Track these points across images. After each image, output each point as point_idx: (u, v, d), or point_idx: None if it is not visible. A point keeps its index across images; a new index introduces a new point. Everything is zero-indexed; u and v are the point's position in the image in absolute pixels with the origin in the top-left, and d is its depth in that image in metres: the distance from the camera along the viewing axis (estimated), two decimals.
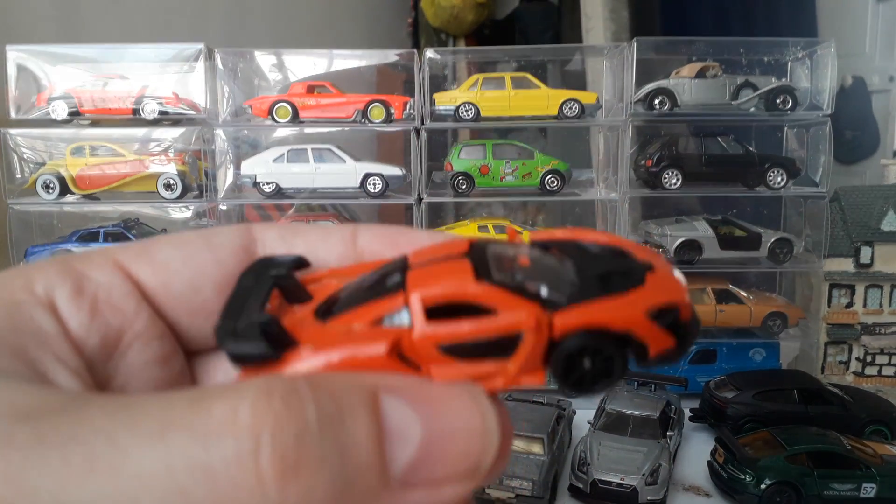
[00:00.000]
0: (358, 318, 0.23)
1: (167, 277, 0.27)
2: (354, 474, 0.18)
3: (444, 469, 0.19)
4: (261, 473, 0.17)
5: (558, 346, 0.22)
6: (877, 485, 0.95)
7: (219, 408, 0.17)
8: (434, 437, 0.19)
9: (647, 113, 1.31)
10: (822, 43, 1.33)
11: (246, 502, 0.17)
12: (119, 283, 0.26)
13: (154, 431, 0.17)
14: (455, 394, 0.20)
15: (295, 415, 0.18)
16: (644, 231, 1.39)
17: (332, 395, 0.18)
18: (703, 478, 1.05)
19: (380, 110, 1.33)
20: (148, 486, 0.17)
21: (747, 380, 1.20)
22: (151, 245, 0.28)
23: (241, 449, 0.17)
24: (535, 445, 0.99)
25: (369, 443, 0.18)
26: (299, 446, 0.17)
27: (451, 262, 0.23)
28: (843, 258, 1.33)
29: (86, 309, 0.25)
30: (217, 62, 1.32)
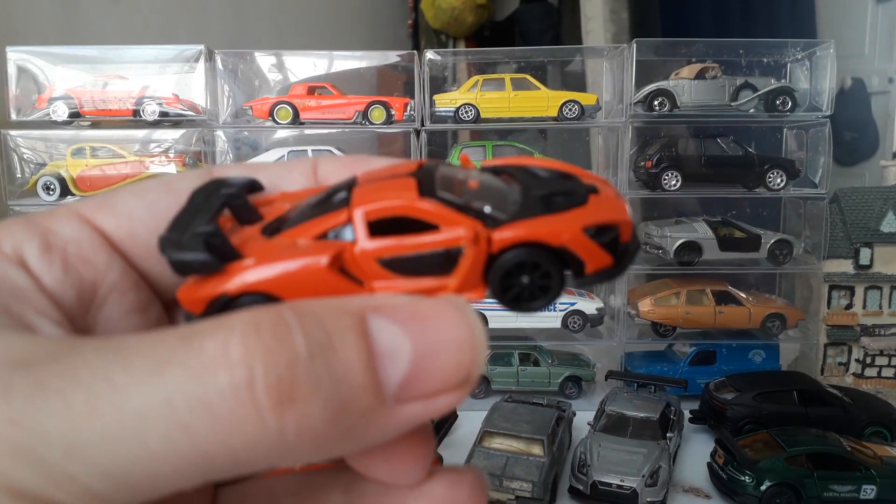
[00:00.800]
0: (303, 233, 0.23)
1: (131, 226, 0.27)
2: (349, 396, 0.18)
3: (436, 382, 0.20)
4: (258, 403, 0.17)
5: (496, 260, 0.22)
6: (876, 486, 0.95)
7: (210, 343, 0.18)
8: (424, 352, 0.20)
9: (646, 114, 1.31)
10: (821, 44, 1.33)
11: (247, 432, 0.18)
12: (87, 236, 0.26)
13: (151, 370, 0.18)
14: (441, 307, 0.21)
15: (285, 345, 0.18)
16: (644, 232, 1.39)
17: (319, 322, 0.19)
18: (703, 479, 1.05)
19: (380, 112, 1.33)
20: (151, 422, 0.17)
21: (747, 381, 1.20)
22: (113, 196, 0.27)
23: (236, 381, 0.17)
24: (534, 447, 0.99)
25: (360, 365, 0.19)
26: (292, 374, 0.18)
27: (398, 180, 0.24)
28: (843, 259, 1.33)
29: (57, 264, 0.25)
30: (217, 63, 1.32)
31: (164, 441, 0.17)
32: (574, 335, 1.35)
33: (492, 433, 1.02)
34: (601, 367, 1.35)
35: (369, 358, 0.19)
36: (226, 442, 0.18)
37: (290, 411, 0.18)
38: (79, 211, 0.27)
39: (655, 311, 1.33)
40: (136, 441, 0.17)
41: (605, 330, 1.37)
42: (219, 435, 0.17)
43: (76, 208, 0.27)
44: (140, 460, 0.17)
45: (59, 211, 0.27)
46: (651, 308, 1.33)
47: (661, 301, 1.34)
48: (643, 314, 1.33)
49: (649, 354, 1.40)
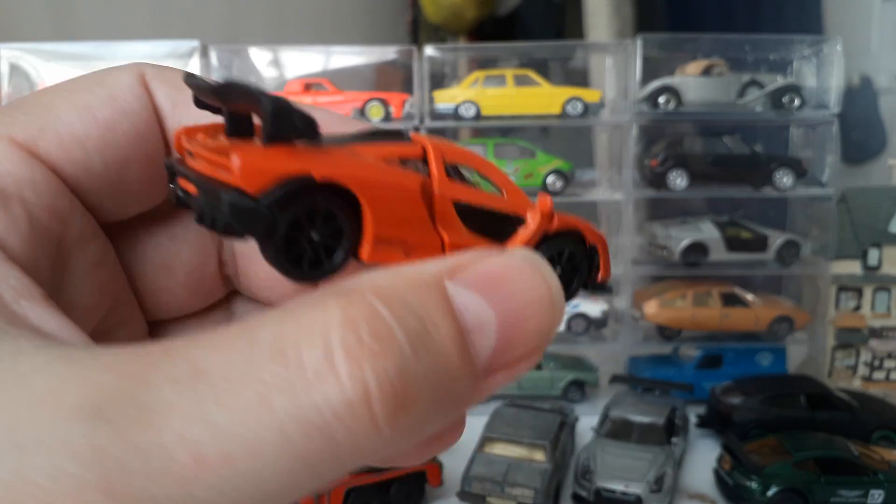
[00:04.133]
0: (366, 152, 0.21)
1: (84, 155, 0.22)
2: (449, 383, 0.18)
3: (521, 349, 0.19)
4: (374, 416, 0.16)
5: (549, 239, 0.23)
6: (885, 491, 0.94)
7: (309, 356, 0.16)
8: (509, 321, 0.19)
9: (651, 111, 1.29)
10: (828, 41, 1.31)
11: (362, 445, 0.17)
12: (42, 176, 0.21)
13: (254, 401, 0.16)
14: (516, 265, 0.20)
15: (389, 346, 0.17)
16: (649, 232, 1.37)
17: (409, 308, 0.18)
18: (708, 485, 1.04)
19: (378, 108, 1.31)
20: (266, 460, 0.16)
21: (754, 385, 1.19)
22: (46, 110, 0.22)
23: (351, 399, 0.16)
24: (537, 453, 0.98)
25: (455, 347, 0.18)
26: (403, 379, 0.17)
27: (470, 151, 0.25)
28: (851, 260, 1.31)
29: (23, 222, 0.20)
30: (212, 59, 1.29)
31: (282, 476, 0.16)
32: (578, 338, 1.33)
33: (493, 439, 1.00)
34: (605, 371, 1.33)
35: (461, 339, 0.18)
36: (340, 458, 0.17)
37: (404, 417, 0.17)
38: (11, 136, 0.21)
39: (661, 313, 1.31)
40: (253, 485, 0.16)
41: (609, 333, 1.35)
42: (334, 454, 0.16)
43: (3, 131, 0.21)
44: (257, 501, 0.16)
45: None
46: (656, 310, 1.31)
47: (666, 303, 1.31)
48: (648, 317, 1.31)
49: (654, 358, 1.38)
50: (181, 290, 0.27)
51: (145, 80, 0.25)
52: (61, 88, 0.23)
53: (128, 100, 0.23)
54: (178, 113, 0.25)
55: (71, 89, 0.23)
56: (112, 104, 0.23)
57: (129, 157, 0.23)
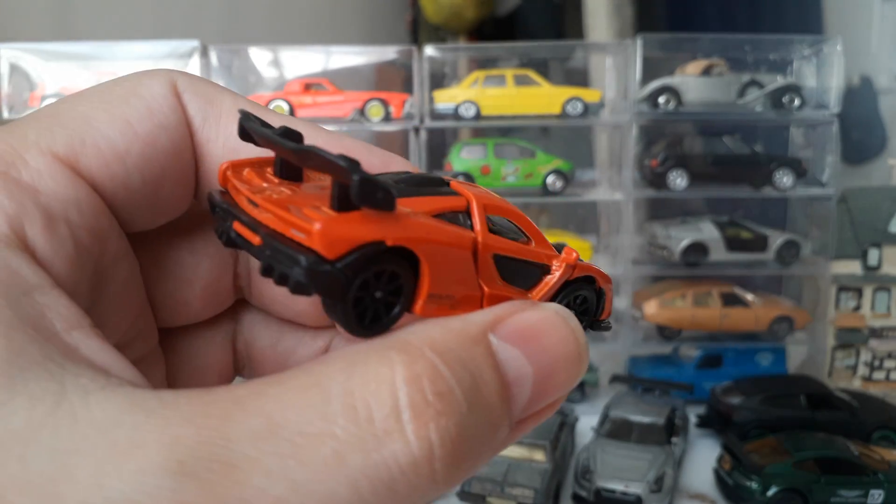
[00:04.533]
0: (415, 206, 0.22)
1: (127, 177, 0.21)
2: (493, 435, 0.19)
3: (550, 399, 0.21)
4: (434, 472, 0.18)
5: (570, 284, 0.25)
6: (884, 491, 0.93)
7: (378, 413, 0.17)
8: (543, 374, 0.21)
9: (651, 111, 1.29)
10: (828, 41, 1.31)
11: (420, 496, 0.18)
12: (86, 196, 0.21)
13: (331, 459, 0.17)
14: (550, 319, 0.21)
15: (449, 406, 0.18)
16: (649, 232, 1.37)
17: (462, 363, 0.19)
18: (709, 485, 1.04)
19: (378, 108, 1.31)
20: None
21: (754, 385, 1.19)
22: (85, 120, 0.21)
23: (417, 458, 0.17)
24: (537, 453, 0.97)
25: (499, 401, 0.20)
26: (460, 438, 0.18)
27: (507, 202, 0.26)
28: (851, 260, 1.31)
29: (68, 244, 0.19)
30: (212, 59, 1.29)
31: None
32: None
33: None
34: (605, 371, 1.33)
35: (505, 392, 0.20)
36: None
37: (458, 469, 0.18)
38: (54, 150, 0.20)
39: (661, 313, 1.31)
40: None
41: (609, 333, 1.35)
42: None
43: (46, 144, 0.20)
44: None
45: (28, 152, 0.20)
46: (656, 310, 1.31)
47: (666, 303, 1.31)
48: (648, 317, 1.31)
49: (654, 358, 1.38)
50: (197, 301, 0.27)
51: (177, 90, 0.24)
52: (97, 97, 0.23)
53: (165, 113, 0.23)
54: (207, 128, 0.25)
55: (107, 100, 0.22)
56: (151, 118, 0.22)
57: (166, 173, 0.23)
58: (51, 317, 0.18)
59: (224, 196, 0.22)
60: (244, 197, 0.21)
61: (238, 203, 0.21)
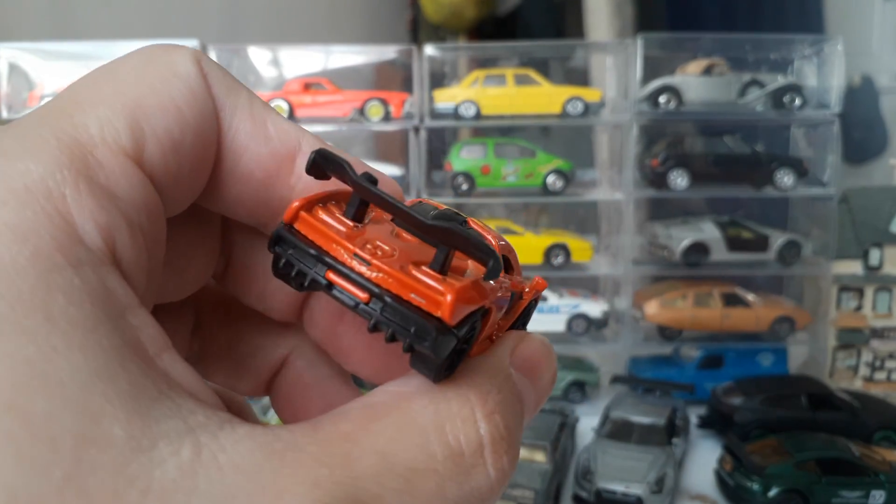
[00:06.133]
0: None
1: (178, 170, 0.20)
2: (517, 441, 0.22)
3: (535, 413, 0.25)
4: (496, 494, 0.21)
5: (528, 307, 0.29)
6: (886, 492, 0.93)
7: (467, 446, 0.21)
8: (538, 401, 0.25)
9: (652, 111, 1.28)
10: (829, 40, 1.30)
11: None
12: (153, 199, 0.19)
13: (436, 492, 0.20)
14: (540, 351, 0.25)
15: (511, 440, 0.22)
16: (650, 232, 1.37)
17: (507, 397, 0.22)
18: (709, 486, 1.03)
19: (378, 108, 1.30)
20: None
21: (755, 385, 1.18)
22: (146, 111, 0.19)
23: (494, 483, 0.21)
24: (537, 454, 0.97)
25: (519, 425, 0.23)
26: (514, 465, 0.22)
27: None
28: (852, 260, 1.31)
29: (144, 255, 0.18)
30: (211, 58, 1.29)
31: None
32: (578, 339, 1.32)
33: None
34: (606, 372, 1.32)
35: (522, 407, 0.23)
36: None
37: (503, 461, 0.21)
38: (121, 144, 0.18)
39: (662, 313, 1.30)
40: None
41: (609, 333, 1.35)
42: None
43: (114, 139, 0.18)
44: None
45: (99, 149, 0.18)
46: (657, 311, 1.30)
47: (667, 303, 1.31)
48: (649, 317, 1.31)
49: (655, 358, 1.37)
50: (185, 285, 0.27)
51: (203, 72, 0.22)
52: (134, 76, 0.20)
53: (204, 98, 0.21)
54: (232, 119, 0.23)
55: (149, 81, 0.20)
56: (195, 103, 0.21)
57: (205, 165, 0.22)
58: (144, 340, 0.17)
59: (300, 237, 0.21)
60: (343, 249, 0.21)
61: (330, 251, 0.21)
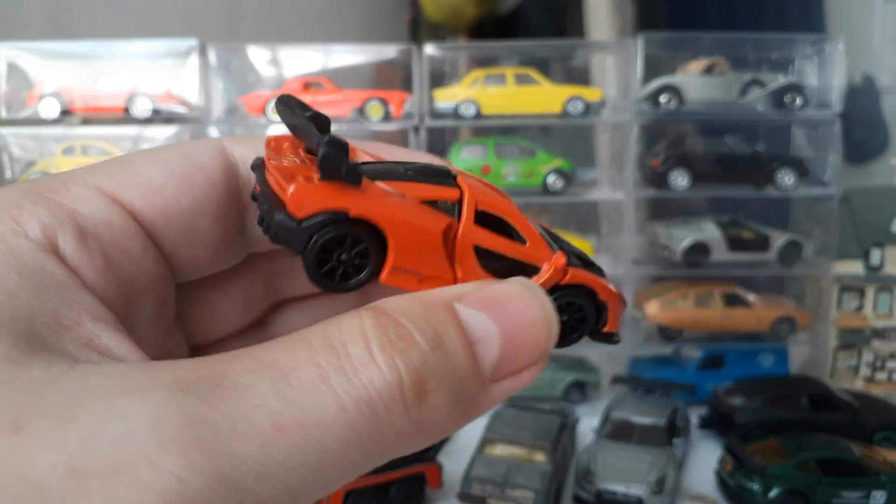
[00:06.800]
0: (408, 190, 0.25)
1: (165, 206, 0.24)
2: (461, 383, 0.21)
3: (523, 359, 0.23)
4: (406, 398, 0.20)
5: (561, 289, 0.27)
6: (887, 492, 0.93)
7: (353, 349, 0.20)
8: (509, 334, 0.22)
9: (653, 110, 1.28)
10: (830, 40, 1.30)
11: (398, 425, 0.20)
12: (120, 219, 0.23)
13: (318, 379, 0.19)
14: (513, 290, 0.23)
15: (412, 345, 0.20)
16: (651, 232, 1.36)
17: (425, 319, 0.21)
18: (710, 487, 1.03)
19: (377, 108, 1.30)
20: (329, 429, 0.19)
21: (756, 386, 1.18)
22: (129, 165, 0.24)
23: (389, 381, 0.19)
24: (537, 454, 0.97)
25: (464, 352, 0.21)
26: (425, 371, 0.20)
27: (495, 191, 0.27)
28: (853, 260, 1.31)
29: (97, 256, 0.22)
30: (210, 58, 1.28)
31: (340, 446, 0.19)
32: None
33: (493, 440, 1.00)
34: (606, 372, 1.32)
35: (470, 347, 0.21)
36: (382, 439, 0.19)
37: (425, 403, 0.20)
38: (98, 185, 0.23)
39: (662, 313, 1.30)
40: (319, 451, 0.18)
41: None
42: (379, 432, 0.19)
43: (92, 181, 0.23)
44: (318, 470, 0.18)
45: (74, 185, 0.23)
46: (658, 311, 1.30)
47: (668, 303, 1.31)
48: (650, 317, 1.31)
49: (656, 359, 1.37)
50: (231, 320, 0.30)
51: (223, 144, 0.27)
52: (145, 150, 0.26)
53: (202, 157, 0.26)
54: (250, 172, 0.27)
55: (153, 150, 0.26)
56: (187, 160, 0.25)
57: (202, 206, 0.25)
58: (77, 310, 0.20)
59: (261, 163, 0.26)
60: (269, 159, 0.25)
61: (264, 165, 0.25)
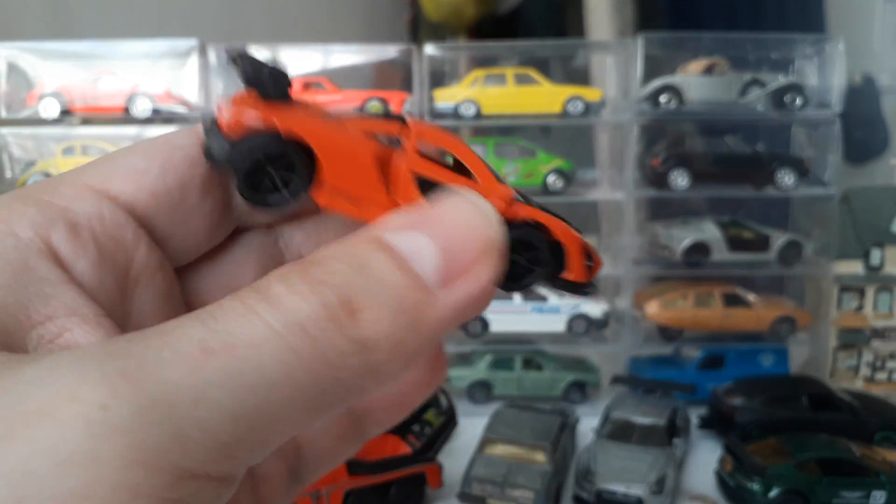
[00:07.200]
0: (351, 122, 0.25)
1: (153, 187, 0.25)
2: (397, 296, 0.20)
3: (467, 256, 0.22)
4: (337, 318, 0.19)
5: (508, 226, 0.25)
6: (887, 492, 0.93)
7: (276, 287, 0.20)
8: (444, 237, 0.22)
9: (653, 110, 1.28)
10: (830, 40, 1.30)
11: (339, 346, 0.19)
12: (110, 210, 0.23)
13: (244, 312, 0.19)
14: (440, 199, 0.23)
15: (334, 273, 0.20)
16: (650, 232, 1.36)
17: (348, 252, 0.21)
18: (710, 487, 1.03)
19: (377, 108, 1.30)
20: (268, 352, 0.18)
21: (756, 386, 1.18)
22: (114, 160, 0.25)
23: (316, 305, 0.19)
24: (537, 454, 0.97)
25: (394, 267, 0.21)
26: (350, 289, 0.20)
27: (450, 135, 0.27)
28: (853, 261, 1.31)
29: (91, 249, 0.22)
30: (210, 58, 1.28)
31: (281, 366, 0.18)
32: (578, 339, 1.32)
33: (493, 440, 1.00)
34: (606, 372, 1.32)
35: (399, 261, 0.21)
36: (325, 359, 0.19)
37: (360, 319, 0.20)
38: (86, 182, 0.24)
39: (662, 313, 1.30)
40: (257, 371, 0.18)
41: (610, 333, 1.34)
42: (318, 351, 0.19)
43: (80, 180, 0.24)
44: (261, 392, 0.18)
45: (63, 185, 0.24)
46: (658, 311, 1.30)
47: (667, 303, 1.31)
48: (650, 317, 1.31)
49: (656, 358, 1.37)
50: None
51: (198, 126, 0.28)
52: (126, 146, 0.27)
53: (178, 138, 0.26)
54: None
55: (133, 144, 0.27)
56: (165, 143, 0.26)
57: (186, 180, 0.26)
58: (52, 305, 0.21)
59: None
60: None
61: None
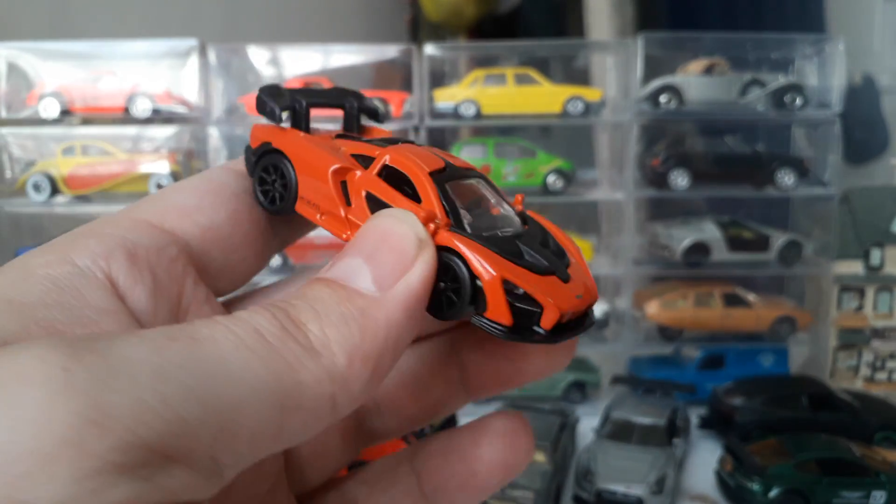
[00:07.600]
0: (347, 147, 0.30)
1: (207, 222, 0.27)
2: (343, 309, 0.22)
3: (396, 257, 0.23)
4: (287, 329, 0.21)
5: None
6: (887, 492, 0.93)
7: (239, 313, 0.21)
8: (370, 251, 0.24)
9: (653, 110, 1.28)
10: (830, 40, 1.30)
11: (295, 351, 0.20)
12: (165, 244, 0.25)
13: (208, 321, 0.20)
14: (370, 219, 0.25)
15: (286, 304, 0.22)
16: (651, 232, 1.36)
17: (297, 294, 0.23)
18: (710, 487, 1.03)
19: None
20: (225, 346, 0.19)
21: (756, 386, 1.18)
22: (165, 197, 0.27)
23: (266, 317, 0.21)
24: (537, 454, 0.97)
25: (330, 290, 0.23)
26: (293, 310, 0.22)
27: (433, 156, 0.29)
28: (853, 261, 1.31)
29: (147, 277, 0.24)
30: (210, 58, 1.28)
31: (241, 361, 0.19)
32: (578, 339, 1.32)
33: None
34: (606, 372, 1.32)
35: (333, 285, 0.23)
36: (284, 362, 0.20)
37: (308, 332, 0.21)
38: (142, 217, 0.26)
39: (662, 313, 1.30)
40: (216, 361, 0.19)
41: (610, 333, 1.34)
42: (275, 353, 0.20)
43: (136, 215, 0.26)
44: (221, 380, 0.19)
45: (122, 219, 0.26)
46: (658, 311, 1.30)
47: (667, 303, 1.31)
48: (650, 317, 1.31)
49: (656, 358, 1.37)
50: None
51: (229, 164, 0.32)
52: (168, 186, 0.30)
53: (220, 175, 0.30)
54: None
55: (175, 184, 0.30)
56: (210, 181, 0.29)
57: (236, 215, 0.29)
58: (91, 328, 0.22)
59: None
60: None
61: None
